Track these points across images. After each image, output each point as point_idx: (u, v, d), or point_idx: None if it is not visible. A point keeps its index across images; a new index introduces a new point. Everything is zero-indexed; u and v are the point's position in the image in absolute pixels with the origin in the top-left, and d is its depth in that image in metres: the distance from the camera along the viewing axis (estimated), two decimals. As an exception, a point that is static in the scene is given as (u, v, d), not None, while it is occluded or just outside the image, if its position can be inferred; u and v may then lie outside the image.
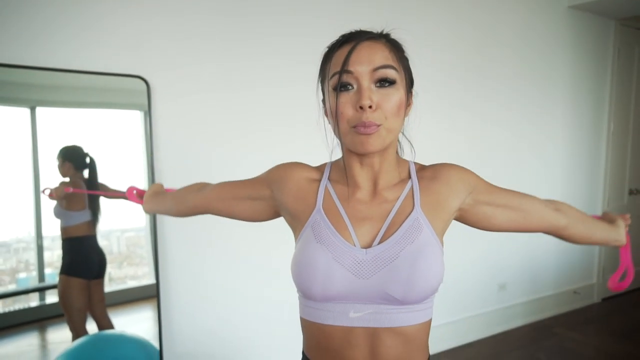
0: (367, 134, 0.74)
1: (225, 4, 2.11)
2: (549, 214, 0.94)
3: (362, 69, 0.74)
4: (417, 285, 0.74)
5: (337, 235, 0.78)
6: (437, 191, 0.83)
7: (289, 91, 2.28)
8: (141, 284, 2.21)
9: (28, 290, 2.02)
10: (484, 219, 0.89)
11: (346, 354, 0.78)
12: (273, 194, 0.89)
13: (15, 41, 1.70)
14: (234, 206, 0.94)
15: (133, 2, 1.91)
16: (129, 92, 2.01)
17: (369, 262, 0.76)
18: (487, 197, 0.88)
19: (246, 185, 0.94)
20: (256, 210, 0.92)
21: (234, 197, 0.94)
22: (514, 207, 0.89)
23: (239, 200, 0.93)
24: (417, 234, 0.78)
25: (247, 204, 0.93)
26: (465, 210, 0.87)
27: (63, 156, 1.94)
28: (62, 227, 1.99)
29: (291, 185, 0.86)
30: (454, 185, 0.84)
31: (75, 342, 1.86)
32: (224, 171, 2.15)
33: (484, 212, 0.88)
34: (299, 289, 0.81)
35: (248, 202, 0.92)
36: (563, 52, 3.48)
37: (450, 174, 0.85)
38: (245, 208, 0.93)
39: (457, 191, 0.84)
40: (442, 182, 0.84)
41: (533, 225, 0.93)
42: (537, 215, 0.92)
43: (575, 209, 1.02)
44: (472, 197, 0.86)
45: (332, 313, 0.78)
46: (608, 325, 3.42)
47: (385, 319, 0.76)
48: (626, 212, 4.06)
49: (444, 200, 0.83)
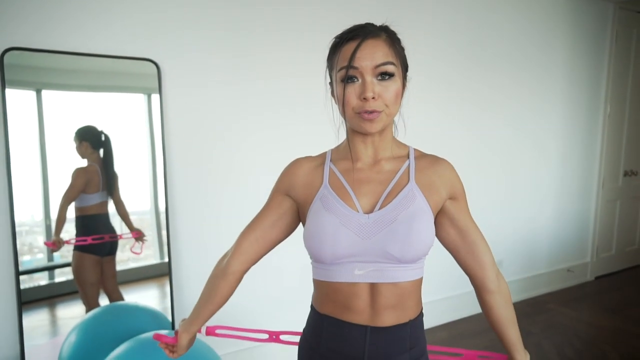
0: (370, 119, 0.86)
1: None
2: (486, 269, 0.95)
3: (365, 64, 0.85)
4: (412, 244, 0.85)
5: (342, 203, 0.89)
6: (430, 177, 0.93)
7: (294, 77, 2.35)
8: (146, 263, 2.30)
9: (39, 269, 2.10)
10: (438, 226, 0.95)
11: (350, 305, 0.89)
12: (291, 198, 0.97)
13: (29, 25, 1.76)
14: (274, 234, 0.98)
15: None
16: (137, 75, 2.07)
17: (371, 225, 0.87)
18: (455, 212, 0.94)
19: (269, 209, 0.99)
20: (288, 224, 0.99)
21: (265, 232, 0.98)
22: (467, 239, 0.94)
23: (271, 230, 0.98)
24: (412, 201, 0.88)
25: (278, 227, 0.98)
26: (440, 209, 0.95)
27: (80, 136, 2.00)
28: (77, 207, 2.08)
29: (300, 180, 0.96)
30: (446, 181, 0.94)
31: (91, 311, 1.97)
32: (231, 148, 2.24)
33: (441, 221, 0.95)
34: (312, 254, 0.91)
35: (278, 224, 0.98)
36: (561, 35, 3.53)
37: (446, 170, 0.95)
38: (281, 229, 0.98)
39: (445, 187, 0.93)
40: (436, 173, 0.94)
41: (466, 264, 0.96)
42: (476, 260, 0.95)
43: (509, 300, 1.02)
44: (450, 203, 0.94)
45: (340, 272, 0.89)
46: (600, 302, 3.54)
47: (384, 275, 0.88)
48: (621, 194, 4.16)
49: (435, 186, 0.92)
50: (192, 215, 2.20)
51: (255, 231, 0.99)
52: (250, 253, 0.99)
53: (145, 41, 1.99)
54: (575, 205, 3.88)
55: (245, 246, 0.99)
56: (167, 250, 2.17)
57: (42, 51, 1.78)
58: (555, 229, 3.76)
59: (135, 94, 2.15)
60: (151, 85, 2.08)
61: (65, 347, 1.88)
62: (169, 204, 2.13)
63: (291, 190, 0.97)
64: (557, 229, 3.77)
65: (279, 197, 0.99)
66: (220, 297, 1.03)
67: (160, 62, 2.02)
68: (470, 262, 0.95)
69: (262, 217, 1.00)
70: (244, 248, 0.99)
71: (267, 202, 1.01)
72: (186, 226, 2.19)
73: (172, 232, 2.16)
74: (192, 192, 2.19)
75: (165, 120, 2.08)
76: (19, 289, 1.83)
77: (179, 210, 2.17)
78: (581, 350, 2.71)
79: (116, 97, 2.13)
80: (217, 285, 1.02)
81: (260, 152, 2.30)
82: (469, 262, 0.95)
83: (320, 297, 0.95)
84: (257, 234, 0.98)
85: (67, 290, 2.14)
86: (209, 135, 2.20)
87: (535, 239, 3.63)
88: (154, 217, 2.27)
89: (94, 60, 1.93)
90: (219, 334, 1.23)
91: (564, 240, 3.83)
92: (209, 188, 2.23)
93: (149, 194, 2.25)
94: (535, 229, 3.62)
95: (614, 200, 4.13)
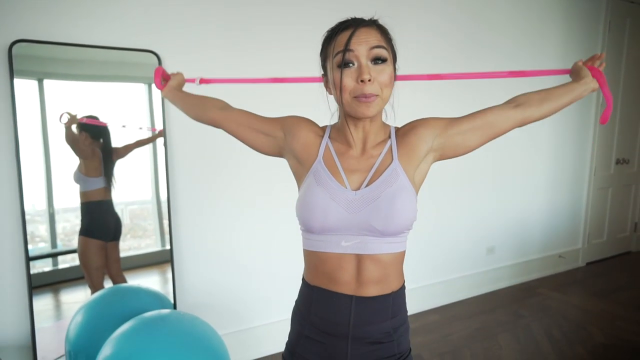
0: (367, 102, 0.92)
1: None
2: (510, 113, 1.05)
3: (361, 47, 0.91)
4: (394, 219, 0.93)
5: (333, 180, 0.97)
6: (408, 142, 1.01)
7: (290, 65, 2.41)
8: (147, 251, 2.38)
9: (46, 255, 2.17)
10: (462, 146, 1.04)
11: (337, 275, 0.98)
12: (285, 137, 1.07)
13: (35, 17, 1.82)
14: (247, 133, 1.12)
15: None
16: (138, 65, 2.12)
17: (358, 200, 0.95)
18: (454, 129, 1.02)
19: (263, 121, 1.11)
20: (264, 143, 1.11)
21: (249, 126, 1.11)
22: (479, 125, 1.03)
23: (253, 131, 1.11)
24: (395, 180, 0.96)
25: (258, 136, 1.11)
26: (442, 148, 1.04)
27: (79, 126, 2.07)
28: (81, 192, 2.14)
29: (302, 134, 1.05)
30: (421, 133, 1.02)
31: (97, 292, 2.05)
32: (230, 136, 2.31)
33: (457, 142, 1.03)
34: (302, 223, 0.99)
35: (260, 135, 1.10)
36: (554, 25, 3.58)
37: (416, 125, 1.03)
38: (255, 138, 1.11)
39: (424, 137, 1.01)
40: (412, 134, 1.02)
41: (503, 129, 1.06)
42: (501, 120, 1.04)
43: (535, 92, 1.09)
44: (441, 136, 1.02)
45: (328, 243, 0.97)
46: (589, 287, 3.65)
47: (368, 248, 0.95)
48: (612, 182, 4.24)
49: (414, 147, 1.01)
50: (193, 203, 2.28)
51: (245, 119, 1.13)
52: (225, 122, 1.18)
53: (146, 33, 2.05)
54: (567, 193, 3.96)
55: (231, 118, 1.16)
56: (170, 237, 2.25)
57: (48, 43, 1.84)
58: (547, 216, 3.85)
59: (136, 84, 2.21)
60: (152, 75, 2.14)
61: (72, 326, 1.96)
62: (170, 192, 2.21)
63: (288, 134, 1.06)
64: (549, 215, 3.86)
65: (275, 126, 1.09)
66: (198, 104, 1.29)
67: (160, 52, 2.08)
68: (501, 129, 1.05)
69: (255, 119, 1.12)
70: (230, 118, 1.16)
71: (266, 118, 1.12)
72: (187, 214, 2.27)
73: (174, 219, 2.24)
74: (192, 181, 2.27)
75: (167, 111, 2.15)
76: (29, 274, 1.92)
77: (180, 198, 2.25)
78: (568, 332, 2.81)
79: (117, 86, 2.18)
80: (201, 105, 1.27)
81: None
82: (503, 130, 1.06)
83: (310, 269, 1.03)
84: (244, 122, 1.13)
85: (70, 277, 2.21)
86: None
87: (527, 225, 3.72)
88: (155, 207, 2.34)
89: (95, 51, 1.98)
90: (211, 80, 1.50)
91: (555, 227, 3.92)
92: (209, 177, 2.31)
93: (150, 183, 2.32)
94: (528, 216, 3.71)
95: (606, 187, 4.21)
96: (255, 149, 1.13)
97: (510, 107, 1.06)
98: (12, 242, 1.88)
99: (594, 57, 1.15)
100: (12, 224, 1.87)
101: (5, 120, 1.81)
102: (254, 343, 2.47)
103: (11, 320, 1.90)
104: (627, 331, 2.81)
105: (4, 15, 1.76)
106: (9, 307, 1.89)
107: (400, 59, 1.02)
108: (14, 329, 1.90)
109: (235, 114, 1.16)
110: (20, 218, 1.87)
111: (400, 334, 1.03)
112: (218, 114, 1.18)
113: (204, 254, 2.34)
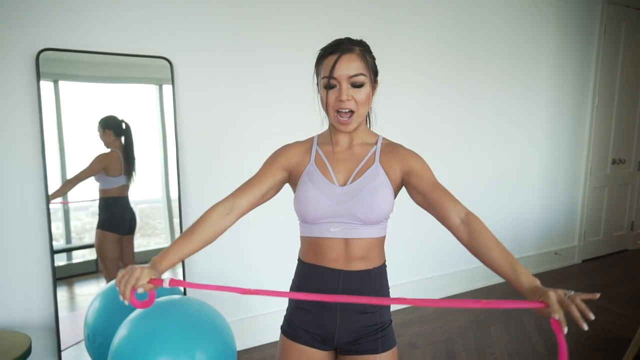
0: (346, 123, 1.13)
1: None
2: (453, 221, 1.07)
3: (341, 74, 1.10)
4: (374, 209, 1.11)
5: (323, 177, 1.16)
6: (389, 159, 1.18)
7: (292, 73, 2.58)
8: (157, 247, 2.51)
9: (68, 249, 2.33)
10: (410, 195, 1.18)
11: (328, 254, 1.16)
12: (287, 172, 1.21)
13: (57, 28, 2.00)
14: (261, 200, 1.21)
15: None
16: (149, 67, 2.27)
17: (344, 194, 1.14)
18: (416, 182, 1.15)
19: (263, 181, 1.19)
20: (277, 189, 1.23)
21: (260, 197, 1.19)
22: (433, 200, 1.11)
23: (264, 194, 1.20)
24: (375, 178, 1.15)
25: (270, 192, 1.21)
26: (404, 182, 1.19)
27: (103, 125, 2.22)
28: (100, 189, 2.30)
29: (297, 158, 1.22)
30: (400, 160, 1.18)
31: (112, 281, 2.23)
32: (236, 131, 2.48)
33: (410, 191, 1.17)
34: (298, 214, 1.18)
35: (271, 190, 1.21)
36: (550, 28, 3.70)
37: (401, 152, 1.20)
38: (270, 195, 1.22)
39: (399, 165, 1.17)
40: (395, 156, 1.19)
41: (437, 216, 1.12)
42: (445, 216, 1.09)
43: (491, 237, 1.02)
44: (407, 176, 1.17)
45: (320, 229, 1.15)
46: (583, 283, 3.77)
47: (353, 232, 1.14)
48: (609, 181, 4.35)
49: (393, 166, 1.18)
50: (203, 200, 2.45)
51: (252, 197, 1.18)
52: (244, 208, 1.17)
53: (159, 40, 2.22)
54: (563, 192, 4.09)
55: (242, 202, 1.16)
56: (180, 230, 2.41)
57: (71, 51, 2.01)
58: (544, 214, 3.98)
59: (147, 85, 2.33)
60: (162, 76, 2.28)
61: (90, 312, 2.13)
62: (181, 190, 2.37)
63: (289, 166, 1.21)
64: (545, 213, 3.98)
65: (276, 169, 1.21)
66: (215, 233, 1.16)
67: (172, 58, 2.25)
68: (437, 214, 1.12)
69: (257, 182, 1.19)
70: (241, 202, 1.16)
71: (262, 171, 1.21)
72: (197, 211, 2.44)
73: (184, 215, 2.40)
74: (202, 178, 2.44)
75: (178, 112, 2.32)
76: (53, 266, 2.09)
77: (190, 195, 2.42)
78: (558, 324, 2.94)
79: (128, 88, 2.31)
80: (217, 222, 1.14)
81: (266, 137, 2.54)
82: (437, 215, 1.12)
83: (305, 250, 1.22)
84: (254, 200, 1.18)
85: (83, 271, 2.37)
86: (218, 124, 2.44)
87: (524, 222, 3.85)
88: (165, 205, 2.49)
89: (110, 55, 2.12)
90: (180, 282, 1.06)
91: (552, 225, 4.05)
92: (218, 174, 2.47)
93: (160, 182, 2.47)
94: (524, 214, 3.84)
95: (602, 187, 4.33)
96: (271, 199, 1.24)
97: (460, 218, 1.07)
98: (37, 236, 2.06)
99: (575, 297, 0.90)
100: (38, 220, 2.05)
101: (32, 122, 1.99)
102: (257, 330, 2.64)
103: (37, 306, 2.08)
104: (614, 324, 2.94)
105: (31, 27, 1.94)
106: (34, 294, 2.07)
107: (397, 60, 1.18)
108: (40, 313, 2.08)
109: (241, 203, 1.17)
110: (46, 215, 2.05)
111: (382, 307, 1.20)
112: (231, 219, 1.17)
113: (212, 248, 2.50)
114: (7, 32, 1.91)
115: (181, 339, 1.83)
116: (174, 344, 1.80)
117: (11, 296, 2.03)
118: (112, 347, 1.87)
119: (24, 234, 2.02)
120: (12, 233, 2.01)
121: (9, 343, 1.80)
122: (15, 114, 1.96)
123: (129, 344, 1.80)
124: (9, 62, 1.92)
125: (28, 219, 2.03)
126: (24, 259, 2.04)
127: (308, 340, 1.20)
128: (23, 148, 1.99)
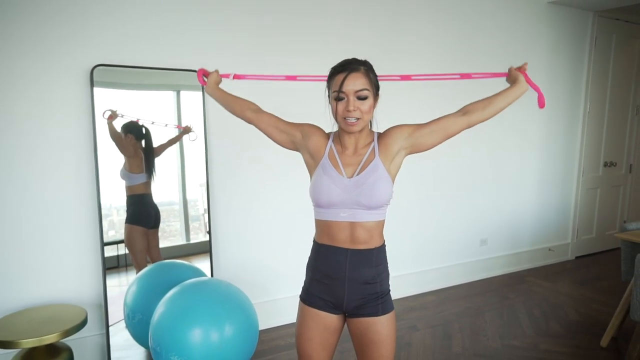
0: (352, 125, 1.37)
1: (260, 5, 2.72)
2: (460, 120, 1.45)
3: (349, 89, 1.35)
4: (375, 197, 1.38)
5: (334, 170, 1.40)
6: (386, 143, 1.44)
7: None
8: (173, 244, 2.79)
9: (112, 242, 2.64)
10: (424, 144, 1.45)
11: (337, 236, 1.41)
12: (302, 138, 1.50)
13: (106, 46, 2.33)
14: (273, 132, 1.56)
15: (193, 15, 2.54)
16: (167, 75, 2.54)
17: (351, 185, 1.38)
18: (419, 132, 1.44)
19: (287, 124, 1.55)
20: (284, 140, 1.55)
21: (276, 127, 1.55)
22: (436, 129, 1.44)
23: (278, 130, 1.55)
24: (376, 170, 1.39)
25: (281, 135, 1.54)
26: (410, 146, 1.45)
27: (125, 130, 2.47)
28: (126, 187, 2.56)
29: (315, 138, 1.48)
30: (394, 137, 1.44)
31: (146, 267, 2.53)
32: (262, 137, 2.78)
33: (421, 142, 1.45)
34: (314, 200, 1.43)
35: (283, 134, 1.54)
36: (542, 42, 3.99)
37: (392, 130, 1.47)
38: (278, 135, 1.55)
39: (397, 138, 1.44)
40: (388, 136, 1.45)
41: (454, 132, 1.45)
42: (453, 125, 1.44)
43: (480, 101, 1.49)
44: (410, 138, 1.44)
45: (331, 214, 1.40)
46: (574, 276, 4.05)
47: (358, 217, 1.39)
48: (601, 183, 4.63)
49: (389, 146, 1.43)
50: (227, 199, 2.76)
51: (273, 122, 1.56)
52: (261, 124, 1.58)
53: (189, 55, 2.54)
54: (557, 192, 4.37)
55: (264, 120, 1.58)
56: (208, 221, 2.71)
57: (120, 66, 2.33)
58: (538, 213, 4.26)
59: (166, 92, 2.61)
60: (179, 83, 2.56)
61: (129, 294, 2.44)
62: (210, 184, 2.69)
63: (305, 137, 1.49)
64: (539, 212, 4.26)
65: (295, 130, 1.52)
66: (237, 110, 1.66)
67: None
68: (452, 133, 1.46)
69: (281, 122, 1.55)
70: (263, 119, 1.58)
71: (290, 123, 1.55)
72: (222, 207, 2.75)
73: (212, 208, 2.72)
74: (228, 174, 2.75)
75: (207, 116, 2.63)
76: (103, 257, 2.39)
77: (216, 190, 2.73)
78: (547, 311, 3.23)
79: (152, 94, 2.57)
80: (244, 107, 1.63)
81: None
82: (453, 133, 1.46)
83: (319, 232, 1.49)
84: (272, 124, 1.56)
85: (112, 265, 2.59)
86: (243, 126, 2.74)
87: (519, 221, 4.14)
88: (181, 207, 2.78)
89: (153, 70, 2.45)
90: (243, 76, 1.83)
91: (546, 223, 4.33)
92: (243, 171, 2.78)
93: (177, 185, 2.76)
94: (519, 213, 4.13)
95: (595, 188, 4.60)
96: (276, 143, 1.59)
97: (460, 115, 1.46)
98: (88, 229, 2.39)
99: (523, 65, 1.63)
100: (90, 215, 2.38)
101: (87, 129, 2.32)
102: (276, 313, 2.95)
103: (88, 286, 2.42)
104: (598, 311, 3.22)
105: (85, 45, 2.27)
106: (86, 278, 2.41)
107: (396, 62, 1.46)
108: (91, 293, 2.42)
109: (265, 116, 1.58)
110: (97, 210, 2.36)
111: (382, 278, 1.48)
112: (253, 115, 1.60)
113: (237, 237, 2.82)
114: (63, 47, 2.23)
115: (212, 314, 2.11)
116: (206, 317, 2.09)
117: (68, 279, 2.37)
118: (152, 321, 2.15)
119: (75, 228, 2.36)
120: (69, 227, 2.34)
121: (71, 314, 2.13)
122: (71, 119, 2.28)
123: (168, 318, 2.10)
124: (68, 75, 2.25)
125: (80, 215, 2.36)
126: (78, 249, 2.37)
127: (322, 305, 1.46)
128: (80, 149, 2.32)
